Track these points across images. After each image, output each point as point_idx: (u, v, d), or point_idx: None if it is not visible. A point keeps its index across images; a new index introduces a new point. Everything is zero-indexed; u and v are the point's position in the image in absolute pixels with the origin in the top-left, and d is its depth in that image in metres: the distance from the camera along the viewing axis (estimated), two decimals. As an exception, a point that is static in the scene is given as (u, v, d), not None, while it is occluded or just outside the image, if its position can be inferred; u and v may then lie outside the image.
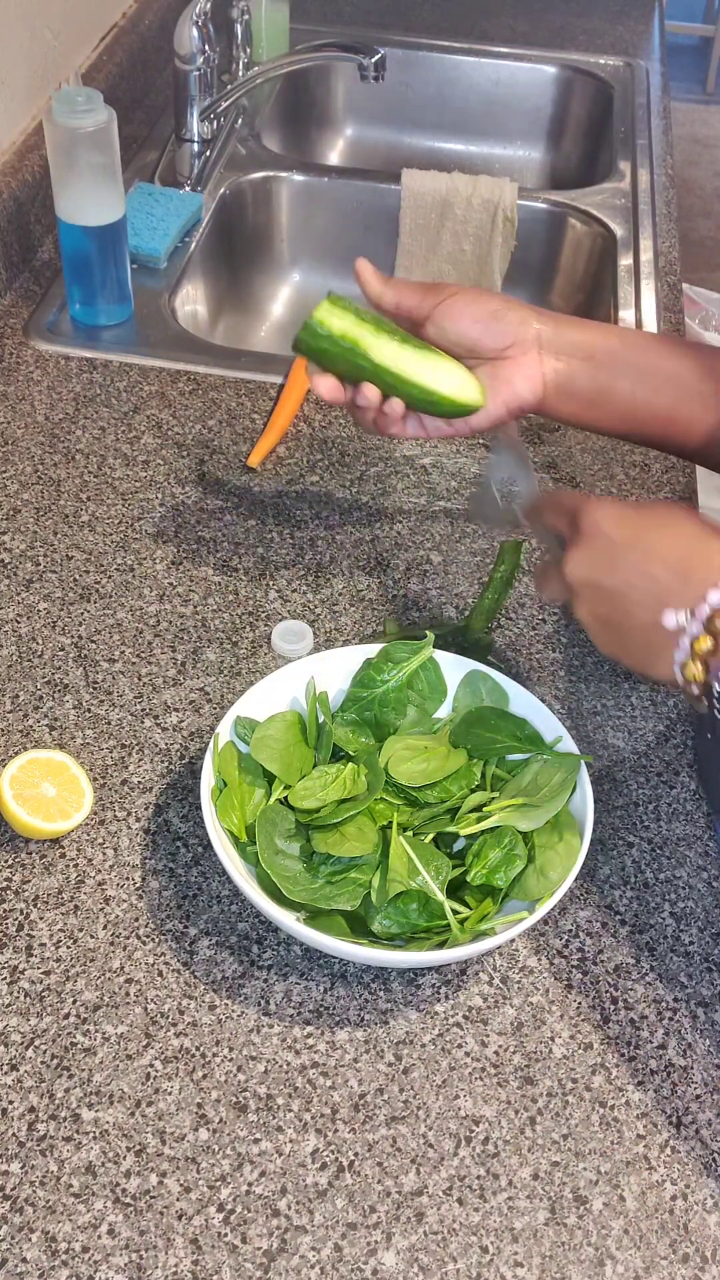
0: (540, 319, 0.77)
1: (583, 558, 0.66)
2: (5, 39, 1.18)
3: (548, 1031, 0.68)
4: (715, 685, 0.61)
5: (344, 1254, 0.59)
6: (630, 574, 0.63)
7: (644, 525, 0.65)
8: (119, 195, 1.09)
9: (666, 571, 0.62)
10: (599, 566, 0.65)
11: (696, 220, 3.50)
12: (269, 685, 0.76)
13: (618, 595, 0.64)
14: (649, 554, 0.63)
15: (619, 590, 0.64)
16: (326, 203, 1.49)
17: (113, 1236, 0.59)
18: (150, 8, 1.56)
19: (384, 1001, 0.68)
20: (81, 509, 0.98)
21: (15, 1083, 0.64)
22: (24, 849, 0.74)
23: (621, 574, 0.64)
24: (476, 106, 1.79)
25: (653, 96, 1.71)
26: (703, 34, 4.32)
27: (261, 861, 0.68)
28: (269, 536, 0.97)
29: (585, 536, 0.66)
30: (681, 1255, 0.60)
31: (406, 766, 0.73)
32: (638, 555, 0.64)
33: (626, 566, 0.64)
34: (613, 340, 0.78)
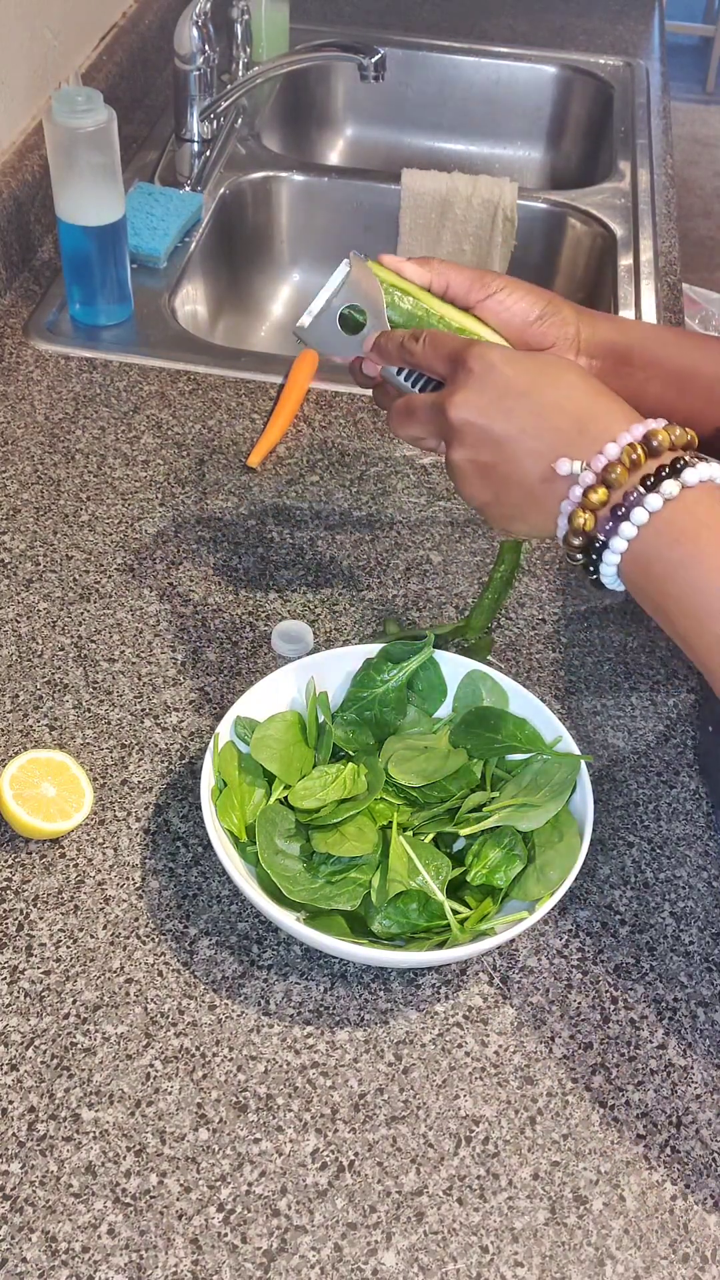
0: (581, 318, 0.75)
1: (471, 399, 0.64)
2: (5, 39, 1.18)
3: (548, 1031, 0.68)
4: (600, 537, 0.60)
5: (344, 1254, 0.59)
6: (524, 421, 0.62)
7: (540, 373, 0.63)
8: (119, 195, 1.09)
9: (564, 420, 0.62)
10: (489, 411, 0.63)
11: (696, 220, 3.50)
12: (269, 685, 0.76)
13: (507, 441, 0.63)
14: (545, 403, 0.62)
15: (509, 436, 0.63)
16: (326, 203, 1.49)
17: (113, 1236, 0.59)
18: (150, 8, 1.56)
19: (384, 1001, 0.68)
20: (81, 509, 0.98)
21: (15, 1083, 0.64)
22: (24, 849, 0.74)
23: (515, 420, 0.62)
24: (476, 106, 1.79)
25: (653, 96, 1.71)
26: (703, 34, 4.32)
27: (261, 861, 0.68)
28: (269, 536, 0.97)
29: (476, 376, 0.64)
30: (681, 1255, 0.60)
31: (406, 766, 0.73)
32: (533, 403, 0.62)
33: (521, 413, 0.62)
34: (650, 343, 0.76)
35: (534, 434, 0.62)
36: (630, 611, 0.93)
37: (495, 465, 0.64)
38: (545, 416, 0.62)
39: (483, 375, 0.64)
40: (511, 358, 0.64)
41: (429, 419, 0.67)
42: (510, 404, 0.63)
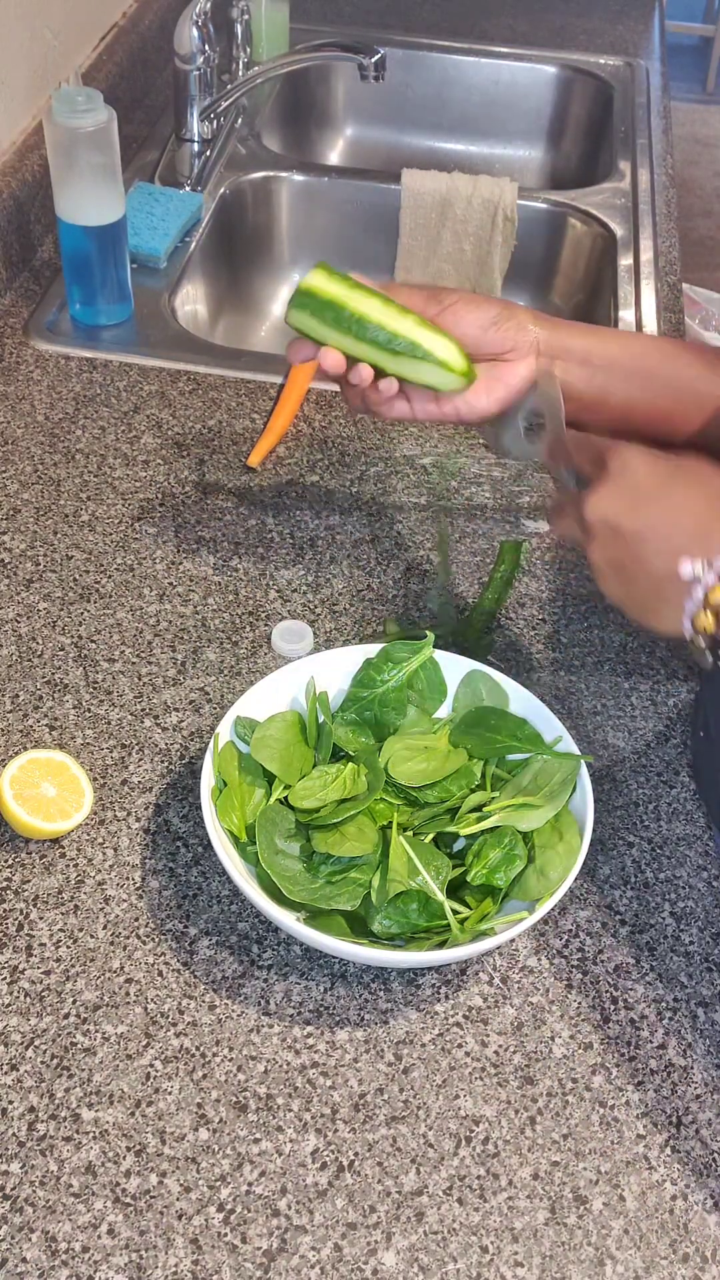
0: (538, 323, 0.77)
1: (606, 498, 0.66)
2: (5, 39, 1.18)
3: (548, 1031, 0.68)
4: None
5: (344, 1254, 0.59)
6: (652, 520, 0.64)
7: (672, 474, 0.65)
8: (119, 195, 1.09)
9: (689, 521, 0.63)
10: (622, 509, 0.65)
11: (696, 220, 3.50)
12: (269, 685, 0.76)
13: (636, 540, 0.64)
14: (673, 503, 0.64)
15: (638, 535, 0.64)
16: (326, 203, 1.49)
17: (113, 1236, 0.59)
18: (150, 8, 1.56)
19: (384, 1001, 0.68)
20: (81, 509, 0.98)
21: (15, 1083, 0.64)
22: (24, 849, 0.74)
23: (643, 519, 0.64)
24: (476, 106, 1.79)
25: (653, 96, 1.71)
26: (703, 34, 4.32)
27: (261, 861, 0.68)
28: (269, 536, 0.97)
29: (612, 477, 0.66)
30: (681, 1255, 0.60)
31: (406, 766, 0.73)
32: (662, 503, 0.64)
33: (649, 512, 0.64)
34: (610, 346, 0.78)
35: (661, 534, 0.64)
36: (630, 611, 0.93)
37: (625, 563, 0.65)
38: (672, 517, 0.64)
39: (618, 475, 0.66)
40: (648, 460, 0.66)
41: (576, 517, 0.68)
42: (641, 503, 0.65)
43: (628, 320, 1.25)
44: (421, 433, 1.08)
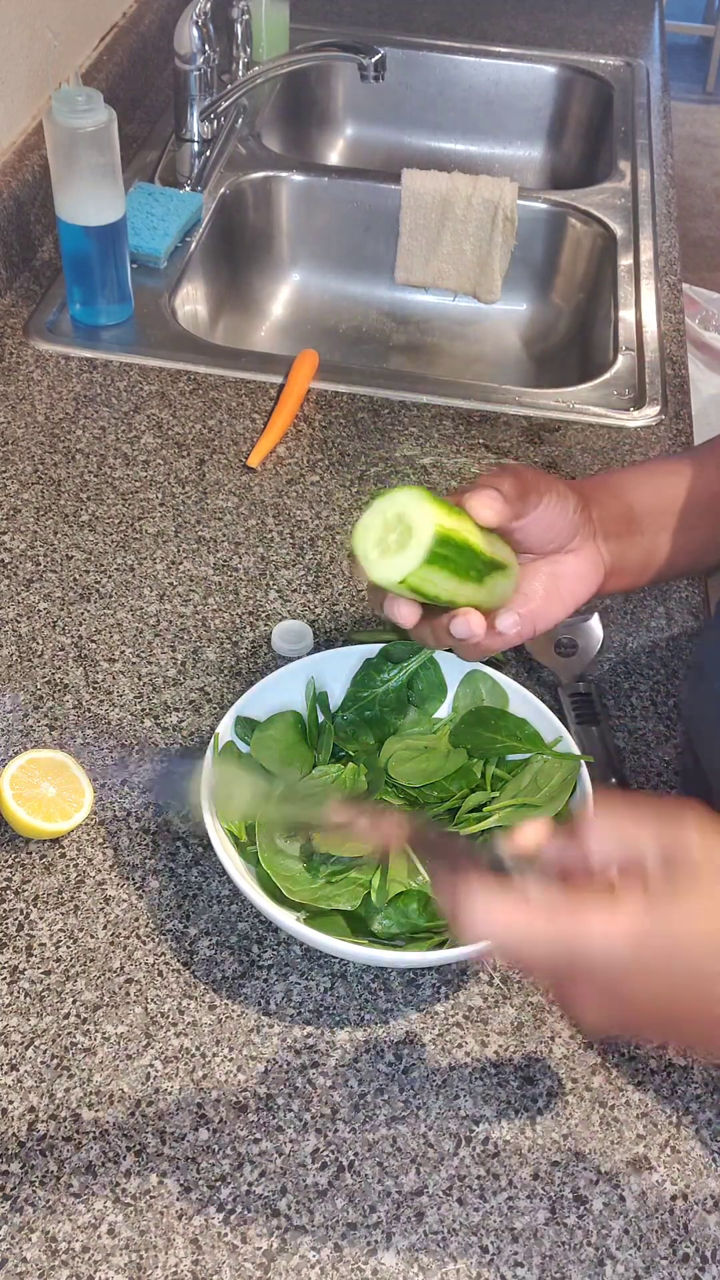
0: (593, 503, 0.69)
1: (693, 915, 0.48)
2: (5, 39, 1.18)
3: (548, 1031, 0.68)
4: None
5: (344, 1254, 0.59)
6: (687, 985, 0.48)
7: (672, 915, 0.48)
8: (119, 195, 1.09)
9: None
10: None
11: (696, 220, 3.50)
12: (269, 685, 0.76)
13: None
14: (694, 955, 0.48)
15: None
16: (326, 203, 1.49)
17: (113, 1236, 0.59)
18: (150, 8, 1.56)
19: (384, 1001, 0.68)
20: (81, 509, 0.98)
21: (15, 1083, 0.64)
22: (24, 849, 0.74)
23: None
24: (476, 106, 1.79)
25: (653, 96, 1.71)
26: (703, 34, 4.32)
27: (261, 861, 0.68)
28: (269, 536, 0.97)
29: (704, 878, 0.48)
30: (681, 1255, 0.60)
31: (406, 766, 0.73)
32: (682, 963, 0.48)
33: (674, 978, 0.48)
34: (644, 492, 0.73)
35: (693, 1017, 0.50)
36: (630, 611, 0.93)
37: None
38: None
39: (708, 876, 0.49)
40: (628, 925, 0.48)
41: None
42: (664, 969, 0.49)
43: (627, 320, 1.25)
44: (421, 433, 1.08)
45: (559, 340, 1.50)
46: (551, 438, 1.09)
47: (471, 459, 1.06)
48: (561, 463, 1.06)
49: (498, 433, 1.09)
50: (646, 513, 0.73)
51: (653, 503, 0.73)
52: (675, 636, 0.91)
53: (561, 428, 1.10)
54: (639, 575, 0.74)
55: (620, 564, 0.71)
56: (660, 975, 0.48)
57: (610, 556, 0.70)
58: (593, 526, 0.69)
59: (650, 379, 1.16)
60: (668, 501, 0.73)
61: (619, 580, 0.72)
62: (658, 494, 0.74)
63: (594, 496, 0.70)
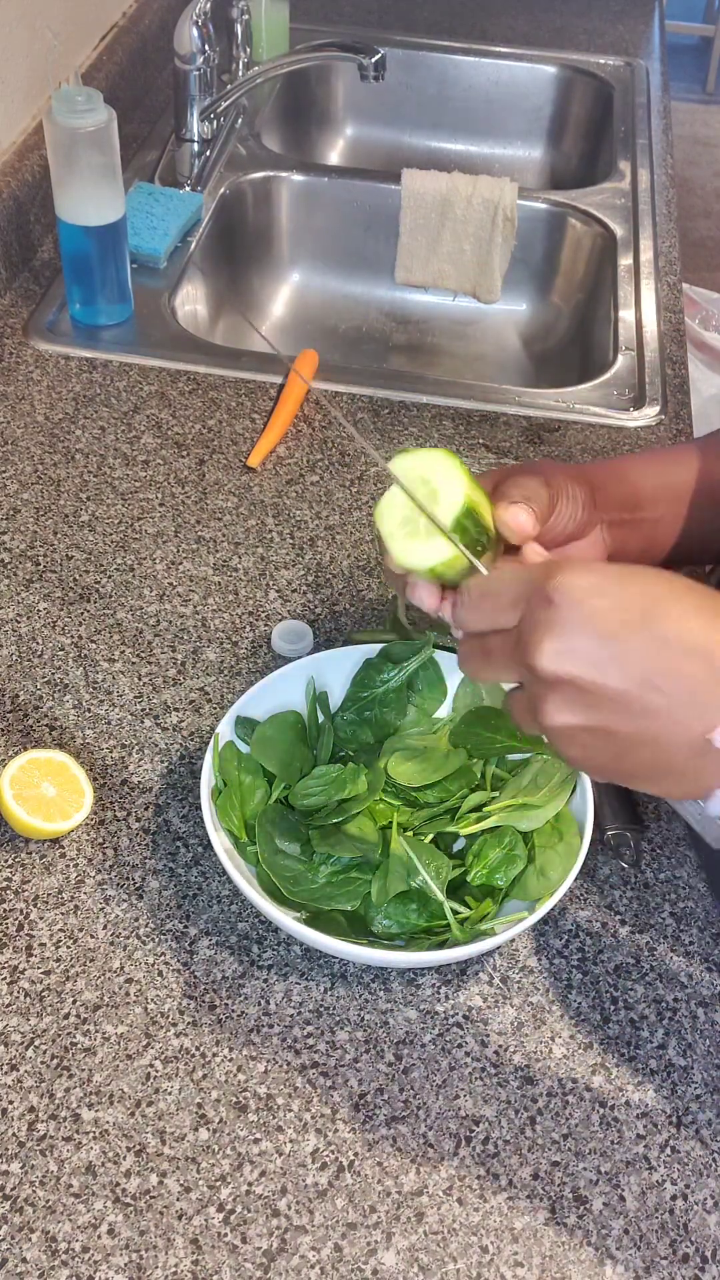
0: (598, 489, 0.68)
1: (564, 645, 0.48)
2: (5, 39, 1.18)
3: (548, 1031, 0.68)
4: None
5: (344, 1254, 0.59)
6: (644, 667, 0.48)
7: (644, 598, 0.49)
8: (119, 195, 1.09)
9: (696, 665, 0.47)
10: (594, 659, 0.48)
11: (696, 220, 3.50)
12: (269, 685, 0.76)
13: (625, 698, 0.48)
14: (665, 639, 0.48)
15: (627, 693, 0.48)
16: (326, 203, 1.49)
17: (113, 1236, 0.59)
18: (150, 8, 1.56)
19: (384, 1001, 0.68)
20: (81, 509, 0.98)
21: (15, 1083, 0.64)
22: (24, 849, 0.74)
23: (632, 669, 0.48)
24: (476, 106, 1.79)
25: (653, 96, 1.71)
26: (703, 34, 4.32)
27: (261, 861, 0.68)
28: (269, 536, 0.97)
29: (563, 614, 0.49)
30: (681, 1255, 0.60)
31: (406, 766, 0.73)
32: (649, 641, 0.48)
33: (637, 658, 0.48)
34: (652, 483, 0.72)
35: (660, 686, 0.48)
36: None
37: (614, 729, 0.49)
38: (669, 659, 0.48)
39: (572, 611, 0.48)
40: (602, 581, 0.49)
41: (511, 666, 0.52)
42: (620, 647, 0.48)
43: (627, 320, 1.25)
44: (421, 433, 1.08)
45: (559, 340, 1.50)
46: (551, 438, 1.09)
47: (471, 459, 1.06)
48: (561, 462, 1.06)
49: (498, 433, 1.09)
50: (650, 499, 0.73)
51: (658, 489, 0.73)
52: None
53: (561, 428, 1.10)
54: (639, 560, 0.73)
55: (621, 548, 0.71)
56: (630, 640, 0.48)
57: (612, 541, 0.71)
58: (598, 515, 0.68)
59: (650, 379, 1.16)
60: (673, 489, 0.73)
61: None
62: (663, 481, 0.74)
63: (600, 482, 0.69)
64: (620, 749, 0.50)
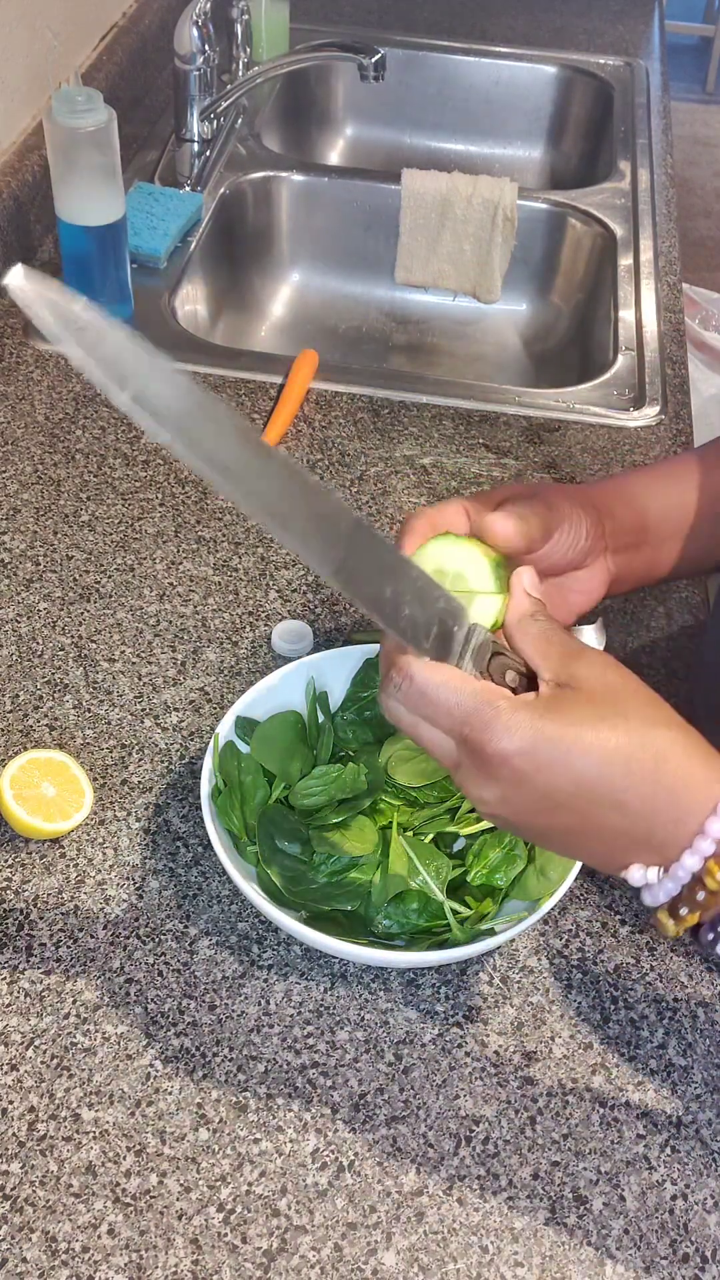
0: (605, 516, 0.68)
1: (495, 796, 0.52)
2: (5, 39, 1.18)
3: (548, 1031, 0.68)
4: (708, 936, 0.53)
5: (344, 1254, 0.59)
6: (570, 823, 0.52)
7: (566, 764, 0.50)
8: (119, 195, 1.09)
9: (615, 817, 0.51)
10: (522, 809, 0.52)
11: (696, 220, 3.50)
12: (269, 685, 0.76)
13: (553, 833, 0.53)
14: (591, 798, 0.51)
15: (554, 831, 0.53)
16: (326, 203, 1.49)
17: (113, 1236, 0.59)
18: (150, 8, 1.56)
19: (384, 1001, 0.68)
20: (81, 509, 0.98)
21: (15, 1083, 0.64)
22: (24, 849, 0.74)
23: (559, 820, 0.52)
24: (476, 106, 1.79)
25: (653, 96, 1.71)
26: (703, 34, 4.32)
27: (261, 861, 0.68)
28: (269, 536, 0.97)
29: (495, 771, 0.51)
30: (681, 1255, 0.60)
31: (406, 766, 0.73)
32: (574, 799, 0.51)
33: (564, 815, 0.52)
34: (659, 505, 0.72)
35: (584, 833, 0.53)
36: (630, 611, 0.93)
37: (536, 836, 0.55)
38: (594, 816, 0.51)
39: (505, 780, 0.51)
40: (535, 752, 0.51)
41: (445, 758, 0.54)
42: (548, 803, 0.51)
43: (627, 320, 1.25)
44: (421, 433, 1.08)
45: (559, 340, 1.50)
46: (551, 438, 1.09)
47: (471, 459, 1.06)
48: (561, 463, 1.06)
49: (498, 433, 1.09)
50: (657, 523, 0.72)
51: (665, 511, 0.72)
52: (675, 636, 0.91)
53: (561, 428, 1.10)
54: (640, 581, 0.73)
55: (624, 573, 0.71)
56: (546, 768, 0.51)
57: (616, 567, 0.70)
58: (603, 543, 0.68)
59: (650, 379, 1.16)
60: (679, 510, 0.73)
61: (619, 587, 0.72)
62: (670, 502, 0.73)
63: (607, 507, 0.68)
64: (540, 839, 0.55)
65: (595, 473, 1.05)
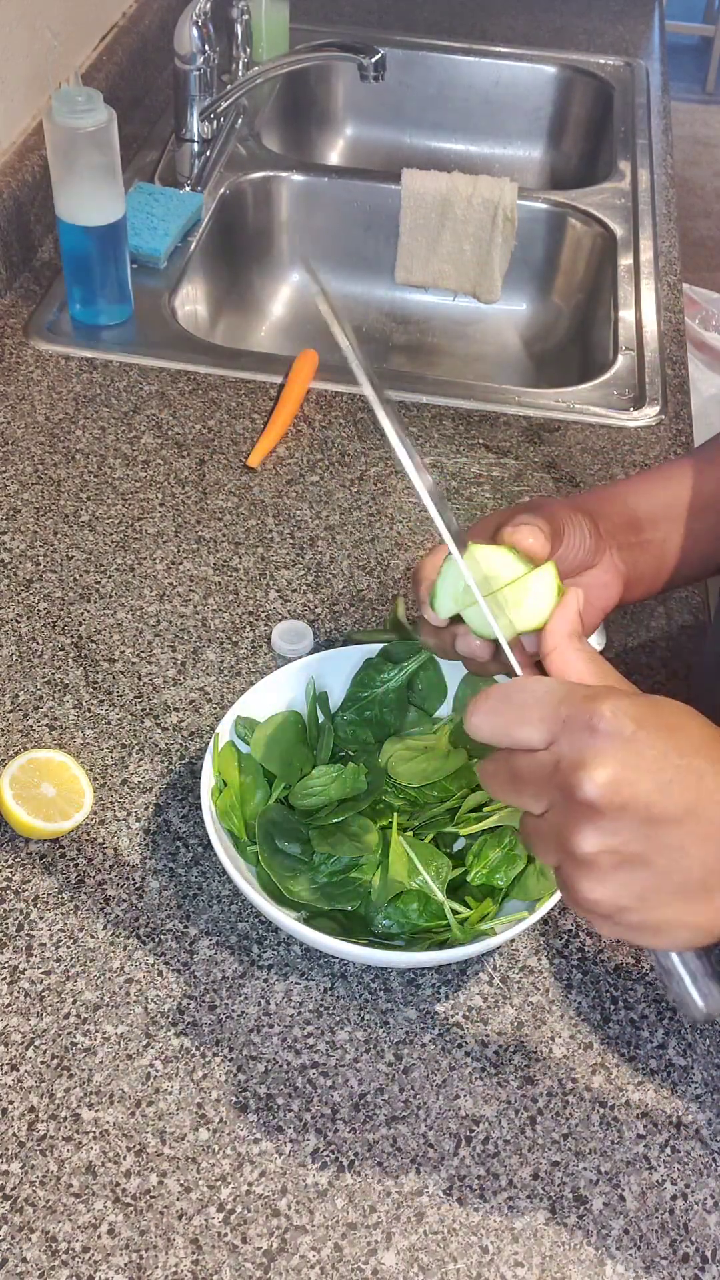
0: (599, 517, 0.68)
1: (614, 777, 0.48)
2: (5, 39, 1.18)
3: (548, 1031, 0.68)
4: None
5: (344, 1254, 0.59)
6: (689, 799, 0.48)
7: (674, 727, 0.49)
8: (119, 195, 1.09)
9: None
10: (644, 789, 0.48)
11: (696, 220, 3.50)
12: (269, 685, 0.76)
13: (668, 824, 0.48)
14: (700, 771, 0.49)
15: (672, 817, 0.48)
16: (326, 203, 1.49)
17: (113, 1236, 0.59)
18: (150, 8, 1.56)
19: (384, 1001, 0.68)
20: (81, 509, 0.98)
21: (15, 1083, 0.64)
22: (24, 849, 0.74)
23: (677, 799, 0.48)
24: (476, 106, 1.79)
25: (653, 96, 1.71)
26: (703, 34, 4.32)
27: (261, 861, 0.68)
28: (269, 536, 0.97)
29: (612, 739, 0.48)
30: (681, 1255, 0.60)
31: (406, 766, 0.73)
32: (688, 773, 0.49)
33: (680, 789, 0.48)
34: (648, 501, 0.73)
35: (701, 815, 0.48)
36: (630, 611, 0.93)
37: (649, 860, 0.48)
38: (707, 789, 0.48)
39: (618, 740, 0.48)
40: (642, 711, 0.49)
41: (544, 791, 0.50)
42: (667, 777, 0.48)
43: (627, 320, 1.25)
44: (421, 433, 1.08)
45: (559, 340, 1.50)
46: (551, 438, 1.09)
47: (471, 459, 1.06)
48: (561, 463, 1.06)
49: (498, 433, 1.09)
50: (651, 518, 0.73)
51: (656, 508, 0.73)
52: (675, 636, 0.91)
53: (561, 428, 1.10)
54: (654, 581, 0.74)
55: (635, 572, 0.71)
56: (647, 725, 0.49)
57: (624, 565, 0.71)
58: (605, 541, 0.68)
59: (650, 379, 1.16)
60: (672, 505, 0.74)
61: (636, 588, 0.72)
62: (659, 499, 0.74)
63: (598, 510, 0.69)
64: (647, 887, 0.49)
65: (595, 473, 1.05)
